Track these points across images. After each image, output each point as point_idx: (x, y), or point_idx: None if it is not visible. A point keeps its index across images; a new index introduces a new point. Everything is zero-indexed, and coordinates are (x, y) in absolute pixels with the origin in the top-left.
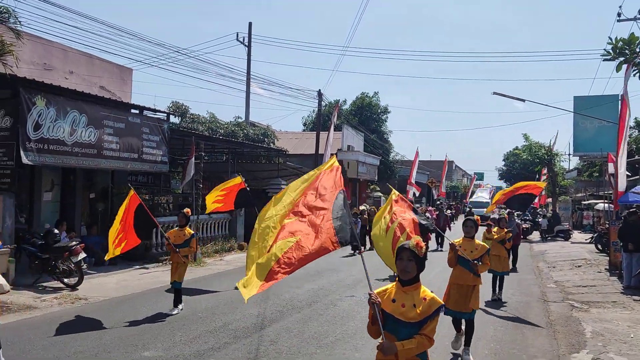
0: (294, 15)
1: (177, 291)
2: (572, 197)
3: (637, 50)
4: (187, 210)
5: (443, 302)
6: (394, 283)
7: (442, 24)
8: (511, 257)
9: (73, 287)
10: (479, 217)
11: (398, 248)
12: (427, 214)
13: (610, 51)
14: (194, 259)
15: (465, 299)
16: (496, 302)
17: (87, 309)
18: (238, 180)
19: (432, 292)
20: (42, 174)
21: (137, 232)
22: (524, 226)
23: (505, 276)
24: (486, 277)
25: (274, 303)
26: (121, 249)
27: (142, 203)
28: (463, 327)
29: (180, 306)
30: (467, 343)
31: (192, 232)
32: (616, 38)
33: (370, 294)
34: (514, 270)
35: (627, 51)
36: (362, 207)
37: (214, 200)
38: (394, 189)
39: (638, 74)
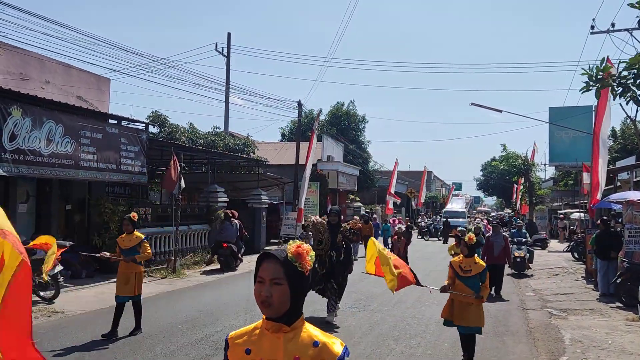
0: (274, 26)
1: (137, 305)
2: (548, 206)
3: (614, 74)
4: (133, 214)
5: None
6: None
7: (421, 36)
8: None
9: (49, 301)
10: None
11: None
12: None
13: (588, 81)
14: (172, 271)
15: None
16: None
17: (64, 323)
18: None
19: None
20: (17, 186)
21: None
22: None
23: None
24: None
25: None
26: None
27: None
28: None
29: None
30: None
31: (142, 236)
32: (589, 67)
33: None
34: (499, 297)
35: (601, 76)
36: (313, 218)
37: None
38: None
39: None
